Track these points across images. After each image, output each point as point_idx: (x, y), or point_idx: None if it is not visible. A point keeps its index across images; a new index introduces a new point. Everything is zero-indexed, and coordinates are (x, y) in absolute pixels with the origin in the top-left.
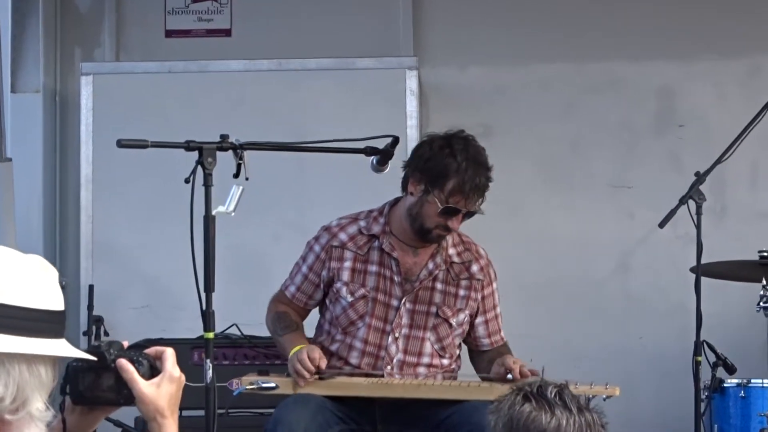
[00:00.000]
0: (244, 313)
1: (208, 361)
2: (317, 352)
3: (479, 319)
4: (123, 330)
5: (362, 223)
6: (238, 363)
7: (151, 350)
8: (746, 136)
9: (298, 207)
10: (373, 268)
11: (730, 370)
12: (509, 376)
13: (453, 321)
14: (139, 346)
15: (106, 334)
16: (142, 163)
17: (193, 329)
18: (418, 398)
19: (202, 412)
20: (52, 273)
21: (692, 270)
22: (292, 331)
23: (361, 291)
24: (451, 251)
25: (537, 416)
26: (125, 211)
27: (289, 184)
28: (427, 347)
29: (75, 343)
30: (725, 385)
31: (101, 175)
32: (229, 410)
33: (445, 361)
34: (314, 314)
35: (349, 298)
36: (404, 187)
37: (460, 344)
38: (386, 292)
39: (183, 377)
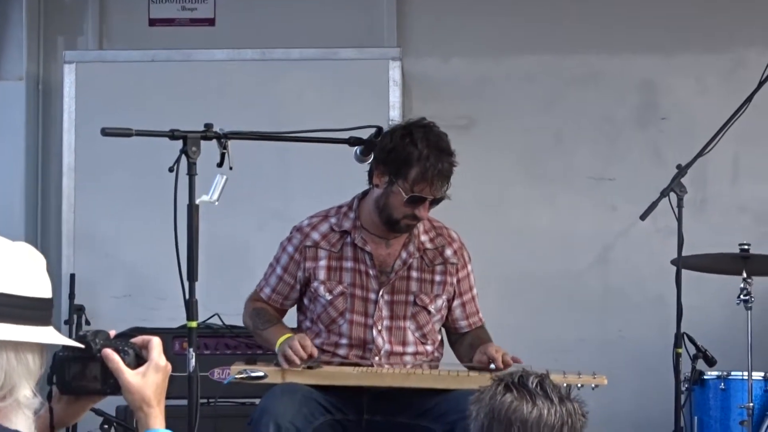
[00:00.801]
0: (225, 303)
1: (191, 350)
2: (308, 340)
3: (456, 302)
4: (104, 319)
5: (333, 220)
6: (219, 352)
7: (138, 339)
8: (728, 129)
9: (281, 197)
10: (348, 263)
11: (710, 362)
12: (492, 365)
13: (431, 308)
14: (126, 335)
15: (88, 323)
16: (125, 152)
17: (175, 319)
18: (406, 387)
19: (184, 402)
20: (40, 260)
21: (673, 262)
22: (275, 324)
23: (339, 288)
24: (423, 238)
25: (518, 406)
26: (107, 199)
27: (272, 174)
28: (409, 336)
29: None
30: (705, 377)
31: (83, 164)
32: (211, 399)
33: (429, 348)
34: (292, 315)
35: (328, 296)
36: (370, 180)
37: (440, 330)
38: (363, 286)
39: (169, 366)
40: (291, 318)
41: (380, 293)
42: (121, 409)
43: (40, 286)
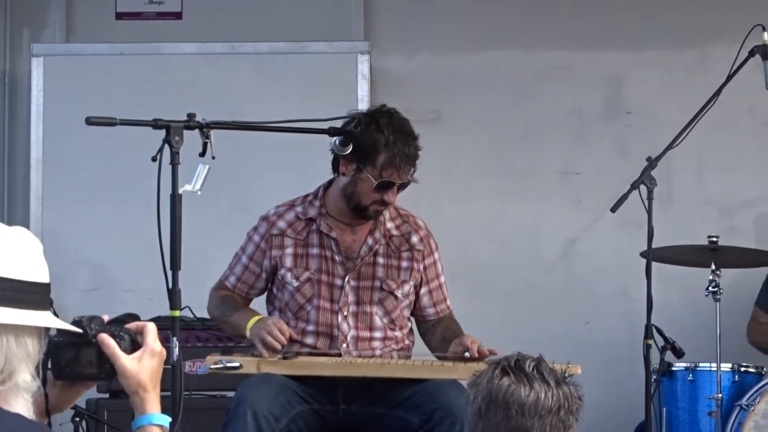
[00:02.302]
0: (195, 295)
1: (174, 339)
2: (284, 324)
3: (423, 290)
4: (72, 313)
5: (299, 209)
6: (190, 345)
7: (132, 325)
8: (697, 122)
9: (247, 190)
10: (314, 250)
11: (679, 354)
12: (467, 354)
13: (398, 293)
14: (119, 321)
15: (56, 316)
16: (93, 145)
17: (144, 312)
18: (381, 377)
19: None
20: (36, 245)
21: (642, 255)
22: (240, 309)
23: (306, 274)
24: (390, 225)
25: (516, 389)
26: (75, 193)
27: (237, 167)
28: (377, 321)
29: None
30: (674, 368)
31: (52, 157)
32: (184, 392)
33: (398, 333)
34: (261, 307)
35: (295, 283)
36: (335, 169)
37: (409, 317)
38: (329, 272)
39: (164, 352)
40: (260, 309)
41: (346, 279)
42: (92, 402)
43: (38, 271)
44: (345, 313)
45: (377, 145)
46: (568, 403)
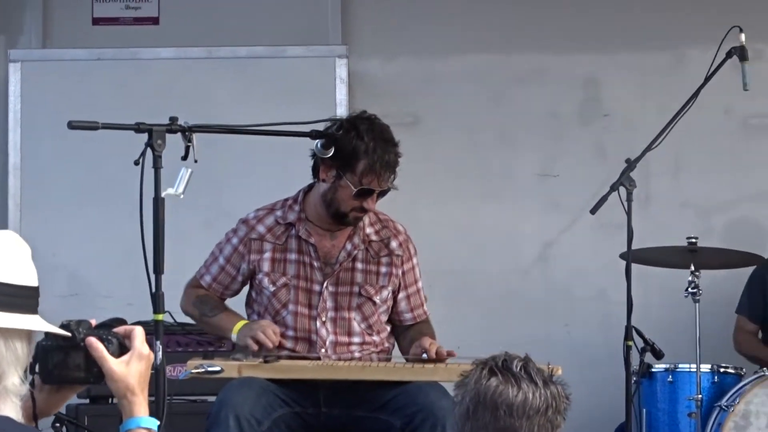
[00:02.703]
0: (176, 300)
1: (158, 343)
2: (270, 328)
3: (401, 295)
4: (50, 319)
5: (278, 213)
6: (171, 350)
7: (120, 329)
8: (676, 123)
9: (228, 194)
10: (293, 256)
11: (658, 355)
12: (424, 355)
13: (376, 299)
14: (106, 325)
15: None
16: (71, 151)
17: (123, 317)
18: (362, 380)
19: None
20: (25, 249)
21: (622, 256)
22: (223, 311)
23: (282, 280)
24: (369, 230)
25: (504, 390)
26: (53, 198)
27: (218, 171)
28: (355, 327)
29: None
30: (653, 370)
31: (29, 163)
32: (168, 396)
33: (376, 338)
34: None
35: (271, 288)
36: (315, 174)
37: (387, 322)
38: (307, 278)
39: (152, 355)
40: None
41: (324, 284)
42: (72, 408)
43: (27, 274)
44: (323, 319)
45: (357, 152)
46: (556, 402)
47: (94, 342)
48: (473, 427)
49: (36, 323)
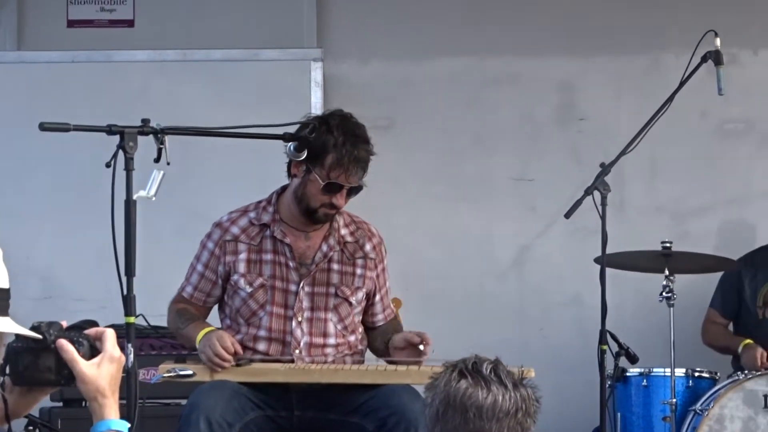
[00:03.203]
0: (149, 303)
1: (129, 345)
2: (228, 339)
3: (377, 297)
4: (22, 322)
5: (252, 215)
6: (144, 353)
7: (91, 331)
8: (651, 128)
9: (202, 198)
10: (268, 256)
11: (633, 359)
12: (421, 346)
13: (352, 299)
14: (78, 327)
15: None
16: (44, 154)
17: (96, 320)
18: (335, 383)
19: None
20: None
21: (596, 260)
22: (194, 321)
23: (259, 280)
24: (344, 231)
25: (473, 392)
26: (26, 201)
27: (192, 174)
28: (331, 327)
29: None
30: (628, 374)
31: (3, 166)
32: (141, 400)
33: (351, 338)
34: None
35: (248, 289)
36: (289, 172)
37: (360, 322)
38: (283, 278)
39: (123, 358)
40: (214, 320)
41: (301, 285)
42: (45, 411)
43: None
44: (299, 319)
45: (326, 146)
46: (526, 405)
47: (64, 344)
48: (443, 429)
49: (6, 325)
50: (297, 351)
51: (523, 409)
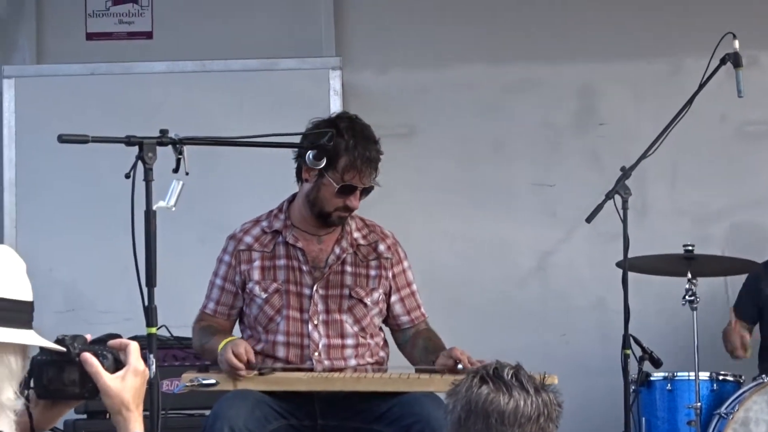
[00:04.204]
0: (172, 314)
1: (151, 356)
2: (242, 346)
3: (394, 298)
4: (46, 334)
5: (264, 224)
6: (168, 364)
7: (115, 343)
8: (670, 131)
9: (222, 207)
10: (281, 261)
11: (657, 363)
12: (459, 366)
13: (367, 300)
14: (101, 341)
15: None
16: (66, 166)
17: (120, 332)
18: (357, 392)
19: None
20: (20, 263)
21: (618, 265)
22: (215, 335)
23: (274, 286)
24: (356, 234)
25: (495, 398)
26: (49, 214)
27: (213, 186)
28: (347, 329)
29: None
30: (652, 378)
31: (25, 179)
32: (164, 411)
33: (370, 341)
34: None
35: (264, 295)
36: (298, 177)
37: (381, 327)
38: (297, 282)
39: (147, 371)
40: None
41: (314, 288)
42: (69, 423)
43: (21, 289)
44: (315, 322)
45: (338, 149)
46: (548, 410)
47: (88, 357)
48: None
49: (31, 338)
50: (316, 354)
51: (545, 414)
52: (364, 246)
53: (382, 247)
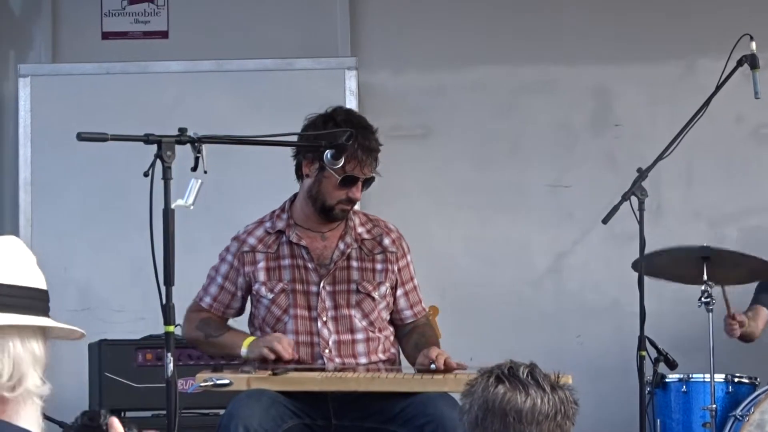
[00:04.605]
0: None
1: (169, 354)
2: (286, 341)
3: (399, 292)
4: None
5: (267, 224)
6: (182, 363)
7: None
8: (687, 133)
9: (241, 206)
10: (286, 261)
11: (672, 365)
12: (432, 366)
13: (375, 294)
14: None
15: None
16: (82, 165)
17: (134, 331)
18: (371, 392)
19: (149, 413)
20: (30, 254)
21: (634, 265)
22: (229, 330)
23: (279, 285)
24: (360, 230)
25: (512, 397)
26: (64, 213)
27: (226, 186)
28: (356, 323)
29: None
30: (667, 380)
31: (40, 178)
32: (180, 410)
33: (380, 335)
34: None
35: (270, 296)
36: (298, 174)
37: (389, 321)
38: (303, 280)
39: None
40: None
41: (321, 284)
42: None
43: (36, 277)
44: (324, 319)
45: (354, 154)
46: (565, 407)
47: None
48: None
49: (51, 322)
50: (327, 351)
51: (562, 411)
52: (368, 240)
53: (387, 241)
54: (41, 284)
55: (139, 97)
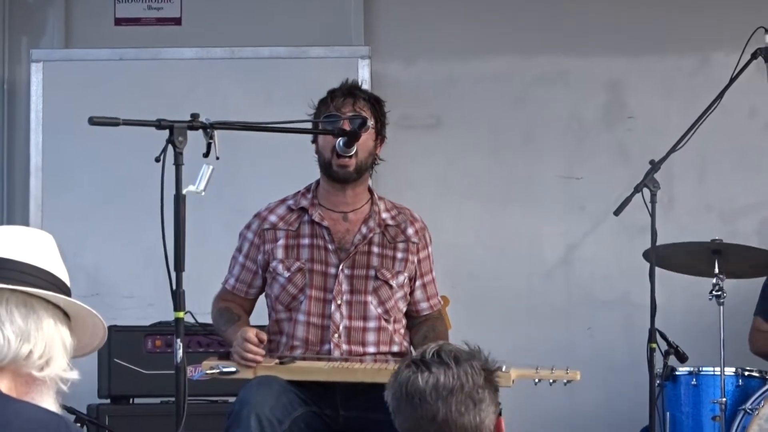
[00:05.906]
0: (197, 300)
1: (178, 341)
2: (249, 332)
3: (417, 283)
4: None
5: (290, 202)
6: (192, 350)
7: None
8: (700, 125)
9: (248, 196)
10: (306, 240)
11: (682, 358)
12: None
13: (393, 282)
14: None
15: None
16: (93, 151)
17: (144, 317)
18: (378, 383)
19: (157, 400)
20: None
21: (645, 255)
22: (234, 323)
23: (297, 264)
24: (385, 215)
25: (414, 378)
26: (75, 199)
27: (239, 173)
28: (372, 310)
29: None
30: (677, 373)
31: (51, 163)
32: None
33: (391, 327)
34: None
35: (286, 274)
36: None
37: (404, 312)
38: (322, 261)
39: None
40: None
41: (340, 267)
42: (92, 408)
43: (66, 275)
44: (339, 302)
45: (325, 99)
46: (472, 379)
47: None
48: (401, 422)
49: (85, 306)
50: (336, 336)
51: (469, 383)
52: (392, 227)
53: (410, 231)
54: (68, 281)
55: (152, 83)
